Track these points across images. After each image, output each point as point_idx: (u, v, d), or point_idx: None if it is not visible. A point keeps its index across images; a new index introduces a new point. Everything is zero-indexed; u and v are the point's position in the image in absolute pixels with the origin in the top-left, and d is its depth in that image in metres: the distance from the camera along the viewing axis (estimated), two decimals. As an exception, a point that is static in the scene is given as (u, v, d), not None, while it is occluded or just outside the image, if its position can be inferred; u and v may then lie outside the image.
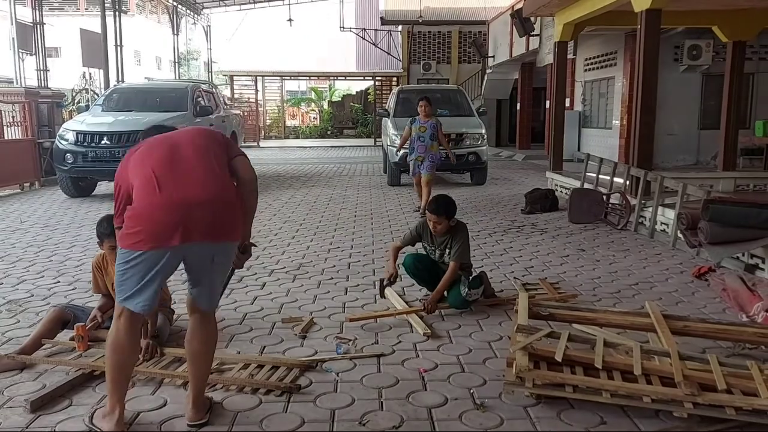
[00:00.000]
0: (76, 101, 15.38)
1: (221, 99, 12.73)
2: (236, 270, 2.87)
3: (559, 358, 2.69)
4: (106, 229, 3.33)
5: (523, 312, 3.17)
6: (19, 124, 11.25)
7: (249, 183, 2.58)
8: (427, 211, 4.15)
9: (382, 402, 2.74)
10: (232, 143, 2.73)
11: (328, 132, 27.74)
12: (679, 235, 5.79)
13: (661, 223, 6.43)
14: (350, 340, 3.47)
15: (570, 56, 13.48)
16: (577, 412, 2.61)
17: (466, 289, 3.92)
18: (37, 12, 14.55)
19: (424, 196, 7.63)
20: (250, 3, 25.82)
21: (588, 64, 15.16)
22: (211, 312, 2.61)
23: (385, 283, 4.10)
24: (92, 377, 2.93)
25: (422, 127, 7.94)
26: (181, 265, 2.50)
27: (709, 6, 8.88)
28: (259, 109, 25.53)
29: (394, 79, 23.73)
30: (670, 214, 6.13)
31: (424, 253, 4.34)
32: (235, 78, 24.93)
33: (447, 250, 4.12)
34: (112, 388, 2.44)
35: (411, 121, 8.12)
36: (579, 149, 14.64)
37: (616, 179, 7.66)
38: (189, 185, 2.40)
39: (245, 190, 2.57)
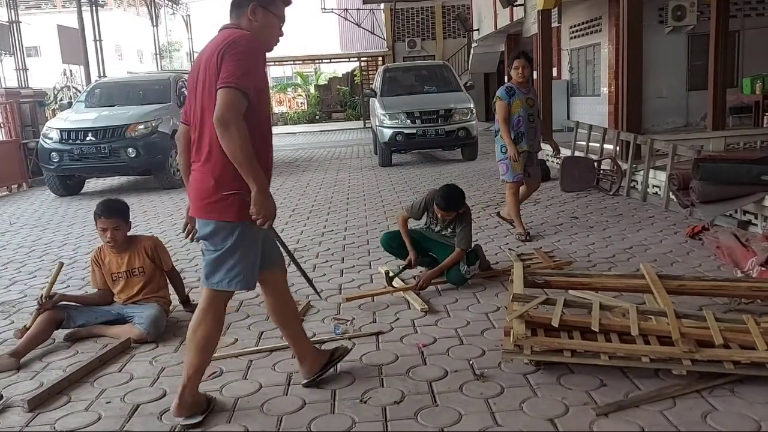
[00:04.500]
0: (58, 99, 15.17)
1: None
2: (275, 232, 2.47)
3: (555, 323, 2.69)
4: (97, 210, 3.42)
5: (518, 281, 3.16)
6: (1, 125, 11.11)
7: (215, 125, 2.18)
8: (435, 206, 3.97)
9: (382, 379, 2.73)
10: (230, 61, 2.20)
11: (317, 116, 27.57)
12: (671, 196, 5.78)
13: (653, 185, 6.43)
14: (348, 321, 3.46)
15: (555, 24, 13.38)
16: (577, 376, 2.61)
17: (466, 266, 3.91)
18: (13, 11, 14.30)
19: (522, 199, 5.39)
20: (228, -11, 25.40)
21: (573, 32, 15.03)
22: (205, 289, 2.40)
23: (400, 269, 4.08)
24: (89, 373, 2.91)
25: (530, 100, 5.07)
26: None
27: (691, -36, 8.79)
28: (246, 97, 25.26)
29: (380, 58, 23.53)
30: (662, 177, 6.12)
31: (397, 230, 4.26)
32: (218, 67, 24.61)
33: (449, 229, 4.09)
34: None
35: (507, 90, 5.03)
36: (568, 118, 14.58)
37: (606, 145, 7.64)
38: None
39: (217, 133, 2.20)
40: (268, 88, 2.45)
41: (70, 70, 16.95)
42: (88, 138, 8.88)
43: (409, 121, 10.37)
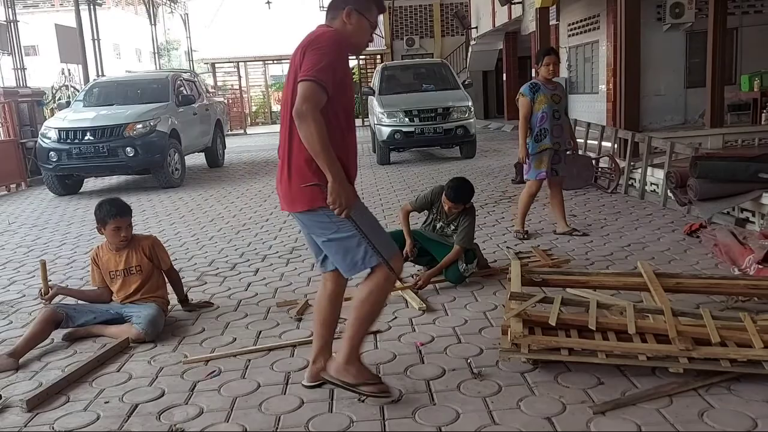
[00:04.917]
0: (56, 98, 15.14)
1: (203, 87, 12.59)
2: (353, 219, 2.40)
3: (552, 322, 2.69)
4: (110, 211, 3.40)
5: (516, 280, 3.16)
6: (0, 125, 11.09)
7: (294, 116, 2.24)
8: (444, 196, 3.98)
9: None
10: (311, 55, 2.26)
11: (315, 114, 27.49)
12: (669, 194, 5.79)
13: (651, 183, 6.44)
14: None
15: (553, 22, 13.38)
16: (574, 374, 2.62)
17: (464, 265, 3.92)
18: (11, 10, 14.26)
19: (559, 209, 5.21)
20: (226, -13, 25.38)
21: (571, 30, 15.03)
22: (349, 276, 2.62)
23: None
24: (88, 372, 2.91)
25: (555, 96, 4.95)
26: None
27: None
28: (244, 95, 25.29)
29: (378, 56, 23.52)
30: (660, 174, 6.13)
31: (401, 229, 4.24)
32: (217, 65, 24.66)
33: (452, 226, 4.09)
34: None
35: (531, 87, 4.93)
36: (567, 115, 14.57)
37: (604, 143, 7.65)
38: None
39: (296, 125, 2.26)
40: (352, 84, 2.50)
41: (69, 69, 16.91)
42: (86, 137, 8.87)
43: (407, 119, 10.38)
